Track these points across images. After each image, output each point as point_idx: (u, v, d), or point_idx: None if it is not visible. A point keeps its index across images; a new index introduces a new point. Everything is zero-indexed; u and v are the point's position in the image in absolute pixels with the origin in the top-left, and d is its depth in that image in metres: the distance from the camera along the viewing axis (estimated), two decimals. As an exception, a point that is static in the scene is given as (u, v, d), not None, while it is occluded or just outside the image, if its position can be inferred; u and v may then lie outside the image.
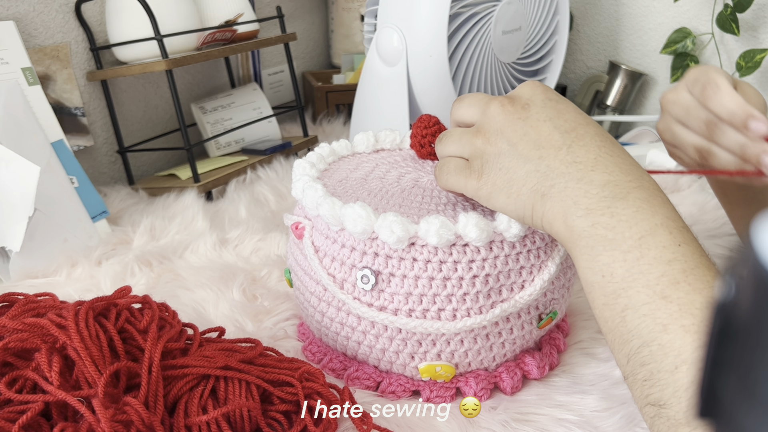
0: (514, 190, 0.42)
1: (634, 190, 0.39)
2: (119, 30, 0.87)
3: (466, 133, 0.46)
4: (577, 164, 0.41)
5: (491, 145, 0.43)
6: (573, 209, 0.40)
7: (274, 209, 0.86)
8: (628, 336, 0.37)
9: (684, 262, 0.36)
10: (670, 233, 0.38)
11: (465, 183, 0.45)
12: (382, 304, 0.47)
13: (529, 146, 0.42)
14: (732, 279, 0.15)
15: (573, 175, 0.40)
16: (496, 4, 0.84)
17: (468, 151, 0.45)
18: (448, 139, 0.48)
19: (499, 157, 0.43)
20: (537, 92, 0.44)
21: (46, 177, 0.71)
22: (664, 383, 0.34)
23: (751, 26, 1.05)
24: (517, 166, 0.42)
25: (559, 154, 0.41)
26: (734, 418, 0.15)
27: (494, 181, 0.43)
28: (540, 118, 0.42)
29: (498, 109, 0.44)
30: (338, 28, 1.34)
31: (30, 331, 0.40)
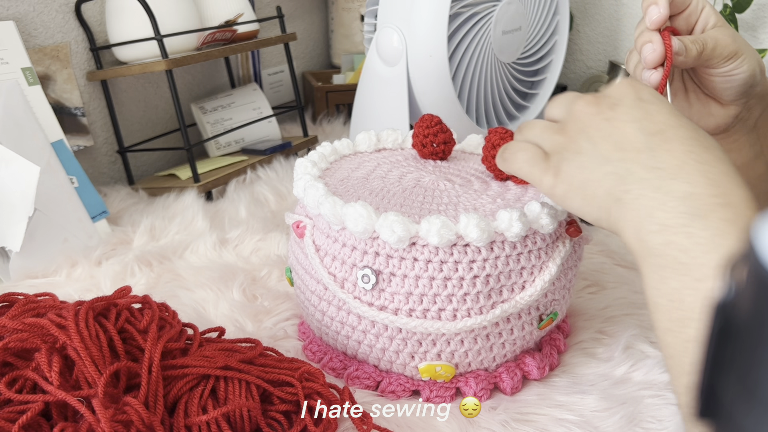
0: (590, 192, 0.40)
1: (718, 207, 0.35)
2: (119, 30, 0.87)
3: (549, 127, 0.44)
4: (658, 170, 0.38)
5: (572, 143, 0.41)
6: (646, 222, 0.37)
7: (274, 209, 0.86)
8: (689, 368, 0.34)
9: None
10: None
11: (540, 178, 0.43)
12: (382, 303, 0.47)
13: (610, 147, 0.40)
14: (732, 279, 0.15)
15: (652, 182, 0.37)
16: (496, 4, 0.84)
17: (548, 144, 0.43)
18: (529, 129, 0.45)
19: (579, 155, 0.41)
20: (628, 92, 0.42)
21: (46, 177, 0.71)
22: None
23: (750, 26, 1.05)
24: (595, 167, 0.40)
25: (641, 157, 0.38)
26: (734, 418, 0.15)
27: (570, 180, 0.41)
28: (626, 119, 0.40)
29: (583, 108, 0.42)
30: (338, 28, 1.34)
31: (30, 331, 0.40)
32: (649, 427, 0.46)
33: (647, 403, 0.48)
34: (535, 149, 0.44)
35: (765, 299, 0.14)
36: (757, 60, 0.54)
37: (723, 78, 0.54)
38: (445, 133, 0.59)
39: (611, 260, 0.70)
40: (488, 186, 0.54)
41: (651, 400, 0.48)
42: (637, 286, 0.65)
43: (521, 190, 0.54)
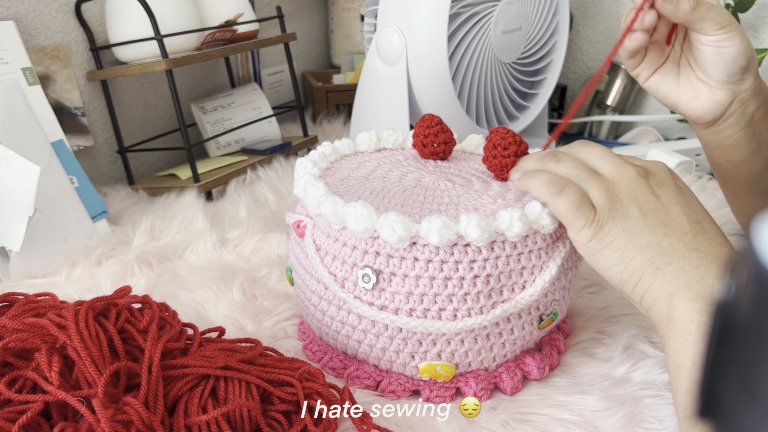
0: (628, 256, 0.43)
1: None
2: (119, 30, 0.87)
3: (594, 177, 0.46)
4: (699, 252, 0.41)
5: (622, 206, 0.44)
6: (683, 290, 0.40)
7: (274, 209, 0.86)
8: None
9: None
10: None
11: (579, 226, 0.45)
12: (382, 303, 0.47)
13: (656, 221, 0.43)
14: (732, 279, 0.15)
15: (693, 260, 0.41)
16: (496, 4, 0.84)
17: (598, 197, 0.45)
18: (570, 166, 0.47)
19: (626, 219, 0.44)
20: (669, 177, 0.46)
21: (46, 177, 0.71)
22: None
23: (751, 26, 1.05)
24: (640, 235, 0.43)
25: (684, 238, 0.42)
26: (734, 418, 0.15)
27: (612, 240, 0.44)
28: (672, 201, 0.44)
29: (635, 177, 0.45)
30: (338, 28, 1.34)
31: (30, 331, 0.40)
32: (649, 427, 0.46)
33: (647, 403, 0.48)
34: (584, 198, 0.45)
35: (765, 299, 0.14)
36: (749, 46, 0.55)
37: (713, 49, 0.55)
38: (446, 133, 0.59)
39: (611, 260, 0.70)
40: (489, 186, 0.54)
41: (651, 400, 0.48)
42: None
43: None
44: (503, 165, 0.53)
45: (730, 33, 0.54)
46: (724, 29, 0.54)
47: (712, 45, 0.55)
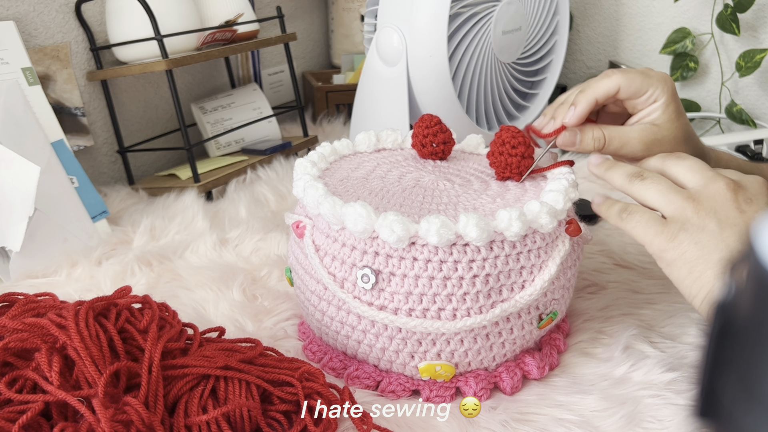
0: (699, 269, 0.42)
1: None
2: (119, 30, 0.87)
3: (675, 192, 0.45)
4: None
5: (699, 218, 0.43)
6: None
7: (274, 209, 0.86)
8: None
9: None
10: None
11: (652, 239, 0.44)
12: (382, 303, 0.47)
13: (735, 237, 0.41)
14: (732, 279, 0.15)
15: None
16: (496, 4, 0.84)
17: (673, 208, 0.44)
18: (653, 184, 0.46)
19: (701, 232, 0.42)
20: (763, 192, 0.44)
21: (46, 177, 0.71)
22: None
23: (751, 26, 1.05)
24: (713, 249, 0.42)
25: None
26: (734, 418, 0.15)
27: (683, 251, 0.42)
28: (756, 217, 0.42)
29: (723, 190, 0.43)
30: (338, 28, 1.34)
31: (30, 331, 0.40)
32: (649, 427, 0.46)
33: (647, 403, 0.48)
34: (652, 213, 0.45)
35: (765, 299, 0.14)
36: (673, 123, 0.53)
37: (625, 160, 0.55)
38: (445, 133, 0.59)
39: (611, 260, 0.70)
40: (488, 186, 0.54)
41: (651, 400, 0.48)
42: (636, 286, 0.65)
43: (521, 190, 0.54)
44: (507, 163, 0.53)
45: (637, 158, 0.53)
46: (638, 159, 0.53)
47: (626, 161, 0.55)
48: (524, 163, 0.53)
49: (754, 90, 1.08)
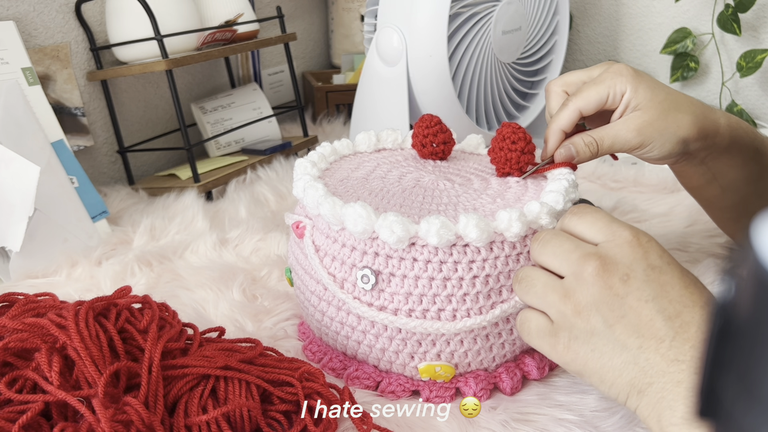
0: (608, 379, 0.39)
1: None
2: (119, 30, 0.87)
3: (551, 290, 0.41)
4: (678, 363, 0.36)
5: (583, 320, 0.39)
6: (668, 414, 0.36)
7: (274, 209, 0.86)
8: None
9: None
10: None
11: (550, 351, 0.41)
12: (382, 303, 0.47)
13: (627, 332, 0.38)
14: (732, 279, 0.15)
15: (673, 376, 0.36)
16: (496, 4, 0.84)
17: (554, 313, 0.40)
18: (528, 286, 0.42)
19: (592, 337, 0.39)
20: (638, 257, 0.39)
21: (46, 177, 0.71)
22: None
23: (751, 26, 1.05)
24: (612, 353, 0.38)
25: (661, 347, 0.37)
26: (734, 418, 0.15)
27: (585, 362, 0.39)
28: (641, 297, 0.38)
29: (593, 279, 0.38)
30: (338, 28, 1.34)
31: (30, 331, 0.40)
32: (649, 427, 0.46)
33: (647, 403, 0.48)
34: (539, 320, 0.41)
35: (765, 299, 0.14)
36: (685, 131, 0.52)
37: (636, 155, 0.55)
38: (445, 133, 0.59)
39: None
40: (488, 185, 0.54)
41: (651, 400, 0.48)
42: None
43: (521, 189, 0.54)
44: (507, 158, 0.54)
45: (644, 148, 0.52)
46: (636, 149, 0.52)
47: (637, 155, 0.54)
48: (524, 159, 0.54)
49: (754, 90, 1.08)
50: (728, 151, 0.56)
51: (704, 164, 0.57)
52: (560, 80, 0.57)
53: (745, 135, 0.56)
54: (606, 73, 0.53)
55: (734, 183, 0.58)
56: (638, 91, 0.52)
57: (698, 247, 0.71)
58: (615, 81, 0.53)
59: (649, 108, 0.52)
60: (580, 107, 0.53)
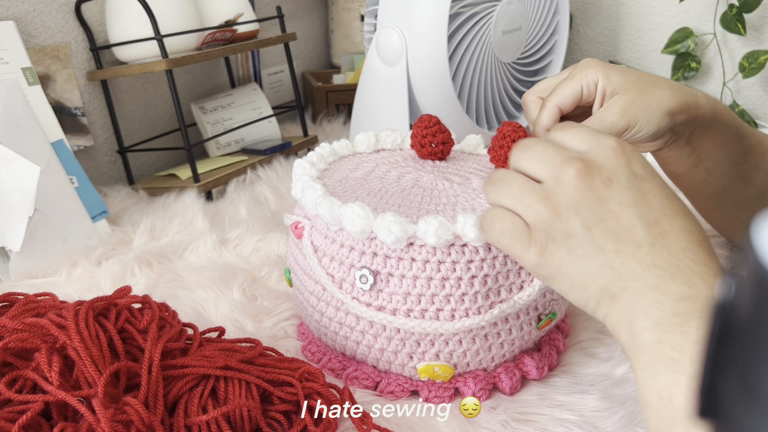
0: (581, 282, 0.38)
1: None
2: (119, 30, 0.87)
3: (529, 192, 0.39)
4: (655, 269, 0.36)
5: (561, 222, 0.38)
6: (641, 319, 0.35)
7: (274, 209, 0.86)
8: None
9: None
10: None
11: (521, 253, 0.39)
12: (380, 303, 0.47)
13: (605, 235, 0.37)
14: (732, 279, 0.15)
15: (649, 280, 0.36)
16: (496, 4, 0.84)
17: (531, 216, 0.39)
18: (503, 187, 0.41)
19: (570, 239, 0.38)
20: (621, 163, 0.38)
21: (46, 177, 0.71)
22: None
23: (754, 27, 1.05)
24: (588, 256, 0.37)
25: (639, 252, 0.36)
26: (734, 418, 0.15)
27: (559, 265, 0.38)
28: (622, 202, 0.37)
29: (574, 180, 0.38)
30: (338, 28, 1.34)
31: (30, 331, 0.40)
32: (649, 427, 0.46)
33: (647, 403, 0.48)
34: (514, 221, 0.40)
35: (765, 299, 0.14)
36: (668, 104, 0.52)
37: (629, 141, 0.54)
38: (444, 133, 0.59)
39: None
40: (488, 186, 0.54)
41: (651, 400, 0.48)
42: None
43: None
44: (507, 157, 0.54)
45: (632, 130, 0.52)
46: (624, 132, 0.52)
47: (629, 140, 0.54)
48: None
49: (755, 90, 1.08)
50: (711, 127, 0.56)
51: (690, 144, 0.57)
52: (533, 90, 0.57)
53: (725, 112, 0.57)
54: (575, 69, 0.54)
55: (719, 165, 0.58)
56: (610, 77, 0.52)
57: (698, 247, 0.71)
58: (585, 73, 0.53)
59: (626, 90, 0.52)
60: (557, 103, 0.53)
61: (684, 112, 0.53)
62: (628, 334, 0.36)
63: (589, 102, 0.54)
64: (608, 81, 0.52)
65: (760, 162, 0.60)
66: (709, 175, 0.59)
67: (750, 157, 0.59)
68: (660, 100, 0.52)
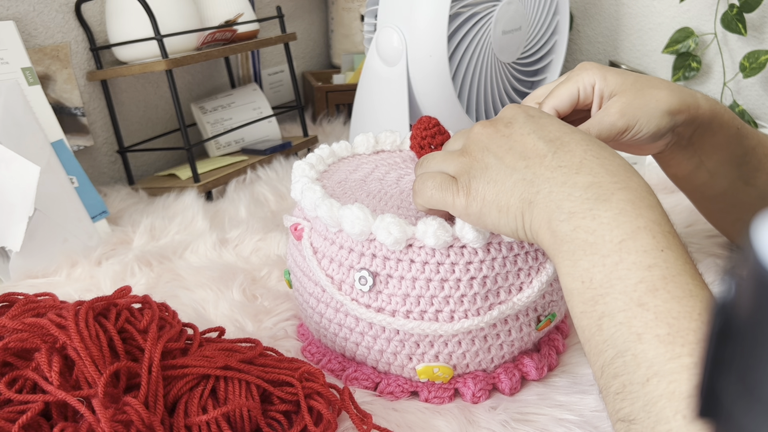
0: (504, 203, 0.42)
1: (619, 191, 0.38)
2: (119, 30, 0.87)
3: (450, 153, 0.46)
4: (561, 168, 0.40)
5: (478, 161, 0.43)
6: (556, 213, 0.39)
7: (274, 209, 0.86)
8: (603, 346, 0.35)
9: (665, 269, 0.35)
10: (654, 237, 0.36)
11: (453, 200, 0.44)
12: (379, 305, 0.47)
13: (515, 158, 0.42)
14: (732, 279, 0.15)
15: (558, 179, 0.40)
16: (496, 4, 0.84)
17: (453, 168, 0.45)
18: (430, 161, 0.47)
19: (487, 170, 0.43)
20: (518, 111, 0.45)
21: (46, 177, 0.71)
22: (635, 396, 0.32)
23: (755, 27, 1.05)
24: (504, 178, 0.42)
25: (545, 161, 0.41)
26: (734, 418, 0.15)
27: (483, 196, 0.42)
28: (524, 132, 0.43)
29: (481, 130, 0.44)
30: (338, 28, 1.34)
31: (30, 331, 0.40)
32: (649, 427, 0.46)
33: (647, 403, 0.48)
34: (442, 174, 0.45)
35: (765, 299, 0.14)
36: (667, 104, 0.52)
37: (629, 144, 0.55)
38: (443, 134, 0.59)
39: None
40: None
41: (651, 400, 0.48)
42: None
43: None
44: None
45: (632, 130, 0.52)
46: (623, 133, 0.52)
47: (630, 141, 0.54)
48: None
49: (755, 90, 1.08)
50: (711, 128, 0.56)
51: (691, 145, 0.57)
52: (530, 97, 0.58)
53: (725, 113, 0.57)
54: (571, 72, 0.54)
55: (721, 166, 0.58)
56: (607, 79, 0.53)
57: (698, 247, 0.71)
58: (582, 75, 0.53)
59: (624, 91, 0.52)
60: (554, 105, 0.54)
61: (683, 111, 0.53)
62: (548, 232, 0.39)
63: (587, 105, 0.54)
64: (605, 83, 0.53)
65: (762, 163, 0.60)
66: (710, 176, 0.59)
67: (752, 158, 0.59)
68: (658, 100, 0.52)
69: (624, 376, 0.33)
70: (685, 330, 0.32)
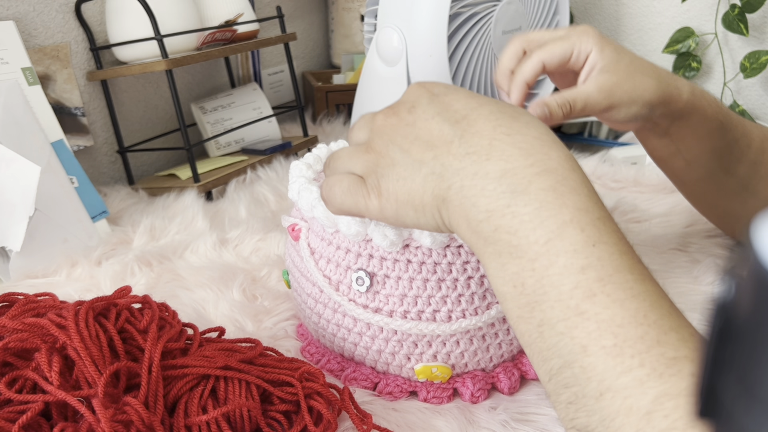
0: (418, 201, 0.38)
1: (536, 177, 0.34)
2: (119, 30, 0.87)
3: (355, 151, 0.41)
4: (470, 155, 0.36)
5: (383, 157, 0.39)
6: (473, 212, 0.35)
7: (274, 209, 0.86)
8: (547, 353, 0.33)
9: (600, 268, 0.32)
10: (582, 231, 0.33)
11: (365, 203, 0.40)
12: (377, 305, 0.47)
13: (422, 149, 0.38)
14: (732, 279, 0.15)
15: (467, 169, 0.36)
16: (496, 4, 0.84)
17: (360, 167, 0.40)
18: (335, 161, 0.43)
19: (394, 167, 0.38)
20: (421, 92, 0.40)
21: (46, 177, 0.71)
22: (590, 409, 0.31)
23: (756, 27, 1.05)
24: (414, 174, 0.38)
25: (452, 147, 0.37)
26: (734, 418, 0.15)
27: (396, 196, 0.38)
28: (427, 116, 0.38)
29: (383, 120, 0.40)
30: (338, 28, 1.34)
31: (30, 331, 0.40)
32: (649, 427, 0.46)
33: (647, 403, 0.48)
34: (349, 177, 0.41)
35: (765, 299, 0.14)
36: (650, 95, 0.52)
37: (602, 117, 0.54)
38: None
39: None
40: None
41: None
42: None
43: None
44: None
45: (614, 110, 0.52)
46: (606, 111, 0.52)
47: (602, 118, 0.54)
48: None
49: (756, 90, 1.08)
50: (690, 121, 0.56)
51: (668, 135, 0.57)
52: (523, 36, 0.55)
53: (709, 107, 0.56)
54: (572, 30, 0.53)
55: (698, 157, 0.58)
56: (604, 52, 0.52)
57: (698, 247, 0.71)
58: (581, 39, 0.52)
59: (616, 71, 0.52)
60: (543, 59, 0.52)
61: (662, 105, 0.53)
62: (469, 231, 0.36)
63: (573, 69, 0.53)
64: (600, 56, 0.52)
65: (745, 154, 0.60)
66: (687, 164, 0.59)
67: (734, 149, 0.59)
68: (645, 89, 0.52)
69: (575, 387, 0.31)
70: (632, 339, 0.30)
